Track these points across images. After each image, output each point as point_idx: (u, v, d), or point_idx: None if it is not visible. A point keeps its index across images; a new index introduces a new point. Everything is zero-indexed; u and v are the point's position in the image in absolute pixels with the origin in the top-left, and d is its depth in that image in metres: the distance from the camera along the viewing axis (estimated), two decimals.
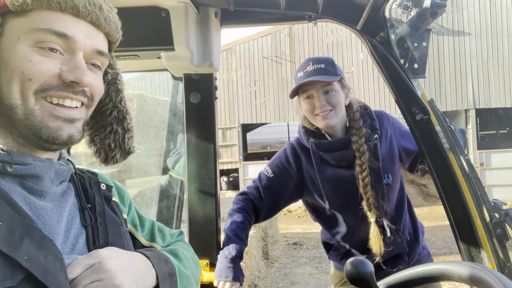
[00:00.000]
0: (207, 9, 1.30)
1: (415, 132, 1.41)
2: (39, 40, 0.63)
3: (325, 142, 1.62)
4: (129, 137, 0.84)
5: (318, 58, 1.62)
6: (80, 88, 0.67)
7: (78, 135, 0.70)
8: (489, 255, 1.29)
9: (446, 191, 1.38)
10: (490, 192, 11.42)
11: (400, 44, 1.40)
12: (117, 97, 0.83)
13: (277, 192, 1.67)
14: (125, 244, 0.80)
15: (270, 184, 1.66)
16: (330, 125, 1.58)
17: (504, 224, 1.24)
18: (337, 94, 1.57)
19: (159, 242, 0.96)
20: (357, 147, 1.57)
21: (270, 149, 21.43)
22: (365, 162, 1.55)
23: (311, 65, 1.58)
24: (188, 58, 1.28)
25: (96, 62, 0.72)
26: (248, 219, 1.61)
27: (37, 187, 0.66)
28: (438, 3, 1.24)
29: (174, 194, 2.16)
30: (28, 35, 0.63)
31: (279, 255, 7.25)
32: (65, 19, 0.65)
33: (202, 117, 1.48)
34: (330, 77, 1.54)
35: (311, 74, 1.55)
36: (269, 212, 1.69)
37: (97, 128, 0.84)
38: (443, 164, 1.37)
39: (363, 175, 1.56)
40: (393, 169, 1.64)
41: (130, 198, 0.94)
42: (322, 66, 1.56)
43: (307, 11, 1.38)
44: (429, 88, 12.28)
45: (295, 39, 13.07)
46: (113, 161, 0.83)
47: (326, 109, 1.55)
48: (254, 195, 1.66)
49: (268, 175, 1.68)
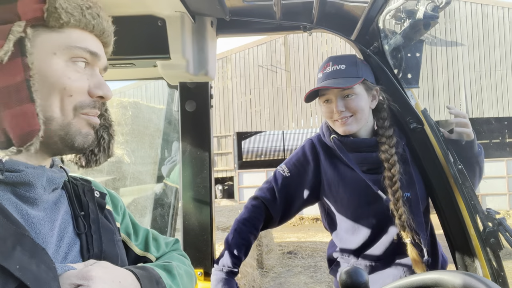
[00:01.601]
0: (203, 19, 1.31)
1: (409, 141, 1.43)
2: (74, 56, 0.68)
3: (348, 139, 1.46)
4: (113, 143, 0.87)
5: (339, 57, 1.44)
6: (104, 101, 0.75)
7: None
8: (482, 264, 1.29)
9: (440, 200, 1.39)
10: (484, 202, 11.48)
11: (393, 54, 1.42)
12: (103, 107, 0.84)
13: (293, 193, 1.54)
14: (118, 253, 0.79)
15: (286, 184, 1.53)
16: (349, 132, 1.43)
17: (497, 234, 1.25)
18: (357, 98, 1.40)
19: (153, 252, 0.95)
20: (387, 157, 1.40)
21: (265, 158, 21.45)
22: (396, 174, 1.39)
23: (331, 66, 1.42)
24: (184, 67, 1.29)
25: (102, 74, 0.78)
26: (254, 232, 1.52)
27: (30, 194, 0.66)
28: (430, 14, 1.26)
29: (169, 203, 2.15)
30: (64, 51, 0.67)
31: (274, 264, 7.21)
32: (92, 39, 0.72)
33: (197, 125, 1.48)
34: (349, 81, 1.37)
35: (329, 76, 1.41)
36: (284, 216, 1.57)
37: None
38: (437, 173, 1.38)
39: (393, 188, 1.39)
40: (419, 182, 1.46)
41: (124, 206, 0.93)
42: (342, 67, 1.39)
43: (303, 21, 1.40)
44: (422, 98, 12.40)
45: (290, 48, 13.18)
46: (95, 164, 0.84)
47: (345, 115, 1.40)
48: (267, 198, 1.53)
49: (284, 174, 1.55)
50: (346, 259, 1.58)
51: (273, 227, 1.62)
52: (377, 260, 1.51)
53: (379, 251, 1.49)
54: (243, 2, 1.35)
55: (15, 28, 0.62)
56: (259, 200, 1.55)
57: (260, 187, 1.59)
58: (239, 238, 1.49)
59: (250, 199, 1.58)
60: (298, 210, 1.58)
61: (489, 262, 1.28)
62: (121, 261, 0.79)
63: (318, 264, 6.99)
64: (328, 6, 1.37)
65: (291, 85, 13.13)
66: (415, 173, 1.44)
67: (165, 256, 0.97)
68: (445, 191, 1.37)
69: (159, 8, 1.17)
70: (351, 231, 1.52)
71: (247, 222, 1.52)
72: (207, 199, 1.50)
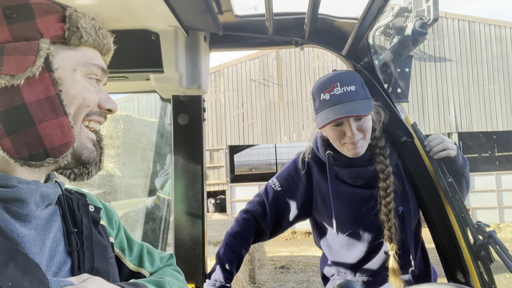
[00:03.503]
0: (197, 33, 1.33)
1: (400, 155, 1.44)
2: (90, 72, 0.73)
3: (344, 156, 1.42)
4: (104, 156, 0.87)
5: (344, 75, 1.35)
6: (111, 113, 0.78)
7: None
8: (474, 277, 1.30)
9: (430, 213, 1.40)
10: (474, 215, 11.55)
11: (383, 69, 1.44)
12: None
13: (284, 207, 1.52)
14: (110, 270, 0.78)
15: (277, 198, 1.52)
16: (360, 154, 1.38)
17: (488, 246, 1.26)
18: (368, 119, 1.35)
19: (147, 268, 0.94)
20: (382, 168, 1.39)
21: (258, 171, 21.41)
22: (390, 185, 1.38)
23: (339, 87, 1.31)
24: (177, 80, 1.30)
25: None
26: (245, 246, 1.51)
27: (22, 211, 0.65)
28: (419, 31, 1.30)
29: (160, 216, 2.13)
30: (83, 68, 0.71)
31: (266, 279, 7.12)
32: (100, 57, 0.77)
33: (190, 139, 1.48)
34: (366, 105, 1.30)
35: (339, 99, 1.30)
36: (275, 230, 1.56)
37: None
38: (428, 187, 1.40)
39: (387, 200, 1.38)
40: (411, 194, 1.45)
41: (119, 220, 0.92)
42: (353, 89, 1.31)
43: (294, 36, 1.42)
44: (412, 112, 12.57)
45: (283, 62, 13.32)
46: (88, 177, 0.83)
47: (358, 138, 1.34)
48: (257, 212, 1.52)
49: (275, 189, 1.53)
50: (343, 276, 1.55)
51: (264, 241, 1.60)
52: (375, 275, 1.50)
53: (376, 266, 1.48)
54: (236, 17, 1.37)
55: (42, 44, 0.66)
56: (249, 213, 1.54)
57: (251, 201, 1.58)
58: (230, 252, 1.48)
59: (240, 212, 1.57)
60: (289, 225, 1.57)
61: (480, 275, 1.29)
62: (112, 279, 0.78)
63: (310, 279, 6.92)
64: (319, 22, 1.40)
65: (283, 99, 13.22)
66: (408, 188, 1.44)
67: (159, 272, 0.96)
68: (436, 204, 1.38)
69: (153, 23, 1.18)
70: (346, 246, 1.50)
71: (238, 236, 1.51)
72: (199, 212, 1.49)
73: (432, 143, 1.37)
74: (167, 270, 0.97)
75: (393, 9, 1.37)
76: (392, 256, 1.39)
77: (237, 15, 1.37)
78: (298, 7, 1.39)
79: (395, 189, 1.40)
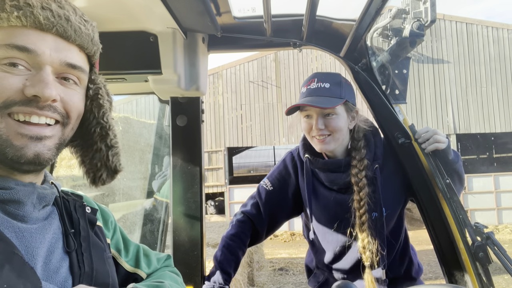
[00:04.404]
0: (195, 35, 1.33)
1: (398, 156, 1.45)
2: (2, 57, 0.62)
3: (320, 160, 1.49)
4: (113, 154, 0.78)
5: (324, 74, 1.45)
6: (44, 102, 0.63)
7: (47, 153, 0.65)
8: (472, 278, 1.30)
9: (429, 214, 1.40)
10: (472, 216, 11.56)
11: (381, 71, 1.45)
12: (99, 112, 0.77)
13: (277, 206, 1.57)
14: (109, 270, 0.77)
15: (270, 198, 1.56)
16: (326, 150, 1.45)
17: (486, 247, 1.26)
18: (337, 118, 1.41)
19: (144, 269, 0.93)
20: (357, 181, 1.43)
21: (256, 173, 21.39)
22: (364, 197, 1.41)
23: (315, 82, 1.42)
24: (175, 82, 1.30)
25: (70, 76, 0.69)
26: (242, 248, 1.54)
27: (19, 212, 0.65)
28: (416, 32, 1.30)
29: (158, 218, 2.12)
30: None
31: (265, 281, 7.11)
32: (28, 34, 0.63)
33: (188, 140, 1.48)
34: (332, 101, 1.38)
35: (312, 93, 1.41)
36: (270, 229, 1.60)
37: (86, 148, 0.79)
38: (426, 188, 1.40)
39: (360, 211, 1.41)
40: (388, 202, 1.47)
41: (114, 221, 0.92)
42: (327, 86, 1.40)
43: (292, 38, 1.43)
44: (411, 114, 12.59)
45: (281, 64, 13.33)
46: (101, 182, 0.78)
47: (324, 133, 1.41)
48: (252, 213, 1.56)
49: (267, 189, 1.58)
50: (322, 271, 1.64)
51: (260, 242, 1.65)
52: (347, 274, 1.55)
53: (347, 266, 1.54)
54: (234, 19, 1.37)
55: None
56: (245, 215, 1.58)
57: (245, 203, 1.63)
58: (228, 254, 1.50)
59: (235, 215, 1.61)
60: (283, 221, 1.64)
61: (478, 276, 1.29)
62: (112, 279, 0.78)
63: None
64: (317, 23, 1.40)
65: (282, 100, 13.23)
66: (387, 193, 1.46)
67: (157, 274, 0.95)
68: (434, 206, 1.39)
69: (151, 24, 1.18)
70: (323, 244, 1.57)
71: (234, 238, 1.53)
72: (197, 214, 1.49)
73: (422, 135, 1.39)
74: (166, 273, 0.96)
75: (391, 11, 1.37)
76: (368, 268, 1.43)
77: (235, 16, 1.37)
78: (296, 8, 1.39)
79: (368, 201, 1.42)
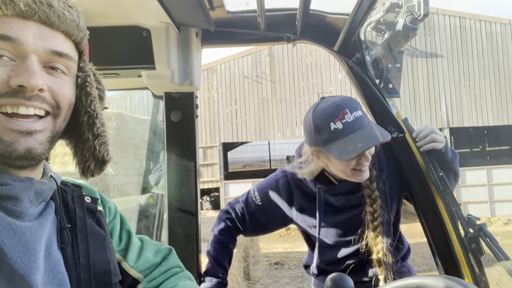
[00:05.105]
0: (188, 29, 1.32)
1: (391, 150, 1.46)
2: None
3: (333, 186, 1.44)
4: (100, 144, 0.75)
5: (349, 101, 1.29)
6: (31, 92, 0.61)
7: (39, 147, 0.63)
8: (465, 270, 1.32)
9: (422, 207, 1.42)
10: (466, 209, 11.69)
11: (375, 65, 1.45)
12: (87, 101, 0.73)
13: (262, 221, 1.57)
14: (110, 258, 0.76)
15: (256, 211, 1.56)
16: (365, 178, 1.34)
17: (478, 239, 1.28)
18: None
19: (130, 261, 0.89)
20: (369, 193, 1.40)
21: (251, 168, 21.43)
22: (378, 209, 1.38)
23: (349, 114, 1.25)
24: (169, 77, 1.29)
25: (57, 65, 0.66)
26: (233, 241, 1.55)
27: (16, 208, 0.63)
28: (409, 26, 1.30)
29: (154, 214, 2.12)
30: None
31: (261, 275, 7.15)
32: (9, 22, 0.61)
33: (182, 136, 1.48)
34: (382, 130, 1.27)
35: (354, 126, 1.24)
36: (252, 234, 1.63)
37: (77, 138, 0.76)
38: (419, 181, 1.41)
39: (374, 224, 1.38)
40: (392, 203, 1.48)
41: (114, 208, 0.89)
42: (361, 114, 1.27)
43: (286, 32, 1.42)
44: (404, 108, 12.65)
45: (275, 59, 13.31)
46: (90, 173, 0.75)
47: (367, 163, 1.32)
48: (238, 217, 1.57)
49: (256, 202, 1.56)
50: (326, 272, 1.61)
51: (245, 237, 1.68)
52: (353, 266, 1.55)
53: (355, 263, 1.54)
54: (228, 13, 1.37)
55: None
56: (231, 215, 1.58)
57: (232, 205, 1.60)
58: (220, 248, 1.51)
59: (222, 212, 1.60)
60: (270, 231, 1.63)
61: (471, 268, 1.31)
62: (113, 265, 0.77)
63: (305, 275, 6.96)
64: (311, 17, 1.40)
65: (276, 95, 13.23)
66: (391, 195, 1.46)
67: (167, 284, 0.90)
68: (427, 199, 1.40)
69: (144, 19, 1.17)
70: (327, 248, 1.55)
71: (224, 232, 1.54)
72: (193, 209, 1.49)
73: (420, 134, 1.39)
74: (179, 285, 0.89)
75: (384, 5, 1.38)
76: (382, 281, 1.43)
77: (229, 11, 1.36)
78: (289, 2, 1.39)
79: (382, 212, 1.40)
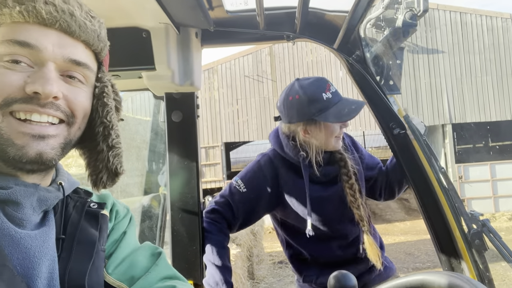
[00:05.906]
0: (188, 30, 1.32)
1: (393, 147, 1.45)
2: (3, 53, 0.60)
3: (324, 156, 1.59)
4: (114, 155, 0.74)
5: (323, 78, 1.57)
6: (45, 100, 0.61)
7: (50, 152, 0.63)
8: (469, 266, 1.31)
9: (425, 203, 1.41)
10: (470, 205, 11.66)
11: (375, 62, 1.45)
12: (103, 111, 0.73)
13: (251, 207, 1.57)
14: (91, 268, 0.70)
15: (242, 199, 1.55)
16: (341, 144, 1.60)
17: (482, 235, 1.27)
18: None
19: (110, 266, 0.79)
20: (340, 157, 1.59)
21: None
22: (350, 169, 1.56)
23: (331, 86, 1.54)
24: (169, 78, 1.29)
25: (74, 74, 0.66)
26: (226, 239, 1.54)
27: (17, 214, 0.61)
28: (409, 22, 1.30)
29: (156, 215, 2.13)
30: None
31: (265, 274, 7.16)
32: (30, 29, 0.61)
33: (184, 136, 1.48)
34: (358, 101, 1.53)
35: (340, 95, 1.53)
36: (241, 226, 1.62)
37: (91, 149, 0.75)
38: (421, 177, 1.41)
39: (350, 182, 1.55)
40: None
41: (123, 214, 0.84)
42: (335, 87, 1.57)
43: (286, 31, 1.42)
44: (406, 104, 12.61)
45: (276, 58, 13.30)
46: (102, 185, 0.74)
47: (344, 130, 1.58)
48: (225, 213, 1.55)
49: (240, 190, 1.56)
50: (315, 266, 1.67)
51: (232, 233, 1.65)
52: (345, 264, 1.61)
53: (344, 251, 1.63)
54: (227, 13, 1.37)
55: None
56: (219, 213, 1.55)
57: (215, 201, 1.59)
58: (218, 248, 1.49)
59: (207, 212, 1.56)
60: (256, 221, 1.65)
61: (475, 263, 1.30)
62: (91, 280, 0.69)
63: None
64: (310, 15, 1.39)
65: (278, 94, 13.20)
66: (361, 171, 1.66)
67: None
68: (430, 195, 1.40)
69: (143, 20, 1.17)
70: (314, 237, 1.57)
71: (216, 232, 1.52)
72: (195, 209, 1.49)
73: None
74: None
75: (383, 1, 1.37)
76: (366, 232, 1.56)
77: (228, 10, 1.36)
78: (288, 1, 1.39)
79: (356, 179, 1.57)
